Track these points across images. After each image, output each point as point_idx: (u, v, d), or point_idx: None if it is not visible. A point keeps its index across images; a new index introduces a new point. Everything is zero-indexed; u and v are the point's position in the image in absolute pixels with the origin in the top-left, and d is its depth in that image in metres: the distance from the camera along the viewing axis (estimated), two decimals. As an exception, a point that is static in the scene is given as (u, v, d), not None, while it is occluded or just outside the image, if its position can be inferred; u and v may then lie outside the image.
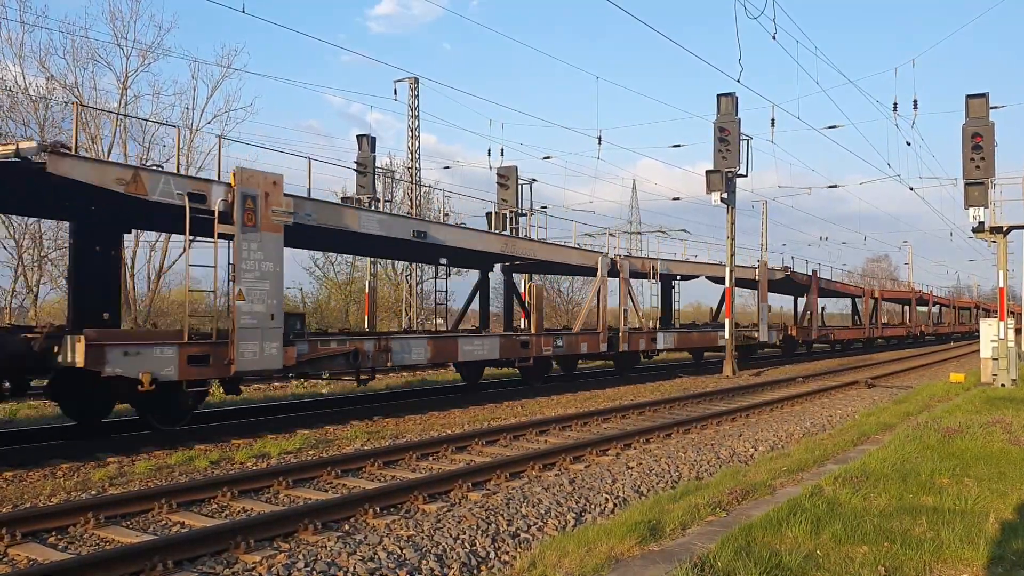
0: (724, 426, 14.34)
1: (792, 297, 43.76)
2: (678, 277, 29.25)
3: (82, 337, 10.33)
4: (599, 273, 22.56)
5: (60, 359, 10.50)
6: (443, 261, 22.74)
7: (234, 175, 12.22)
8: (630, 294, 23.87)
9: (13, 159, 9.94)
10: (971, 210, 20.14)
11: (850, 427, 13.27)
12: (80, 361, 10.29)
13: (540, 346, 19.27)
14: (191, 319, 11.85)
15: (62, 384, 11.69)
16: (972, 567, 5.34)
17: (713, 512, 6.97)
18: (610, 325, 22.99)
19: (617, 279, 23.46)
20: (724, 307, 36.03)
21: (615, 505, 8.48)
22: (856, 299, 49.04)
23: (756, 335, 31.11)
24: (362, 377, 15.18)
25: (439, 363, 18.06)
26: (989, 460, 9.03)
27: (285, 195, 12.81)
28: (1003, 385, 19.29)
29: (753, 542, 5.76)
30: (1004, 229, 20.39)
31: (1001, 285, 21.52)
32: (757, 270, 32.25)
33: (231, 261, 12.07)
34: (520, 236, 21.90)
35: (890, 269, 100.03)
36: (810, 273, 38.88)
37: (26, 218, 28.33)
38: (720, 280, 31.41)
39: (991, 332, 20.80)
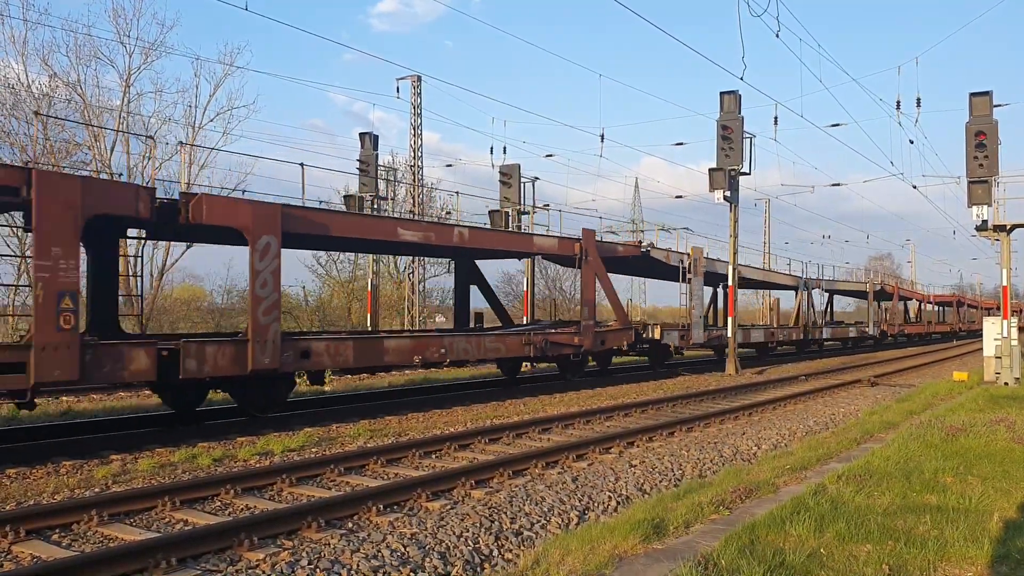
0: (727, 424, 14.33)
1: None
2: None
3: (659, 326, 23.46)
4: (800, 289, 36.83)
5: (645, 335, 22.93)
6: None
7: (691, 250, 25.18)
8: (812, 303, 37.71)
9: (641, 251, 23.19)
10: (974, 208, 20.11)
11: (853, 425, 13.25)
12: (657, 336, 23.06)
13: (778, 336, 34.22)
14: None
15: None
16: (976, 566, 5.33)
17: (716, 510, 6.96)
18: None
19: (806, 292, 36.97)
20: (830, 308, 48.07)
21: (618, 503, 8.48)
22: (907, 301, 58.32)
23: (867, 330, 44.68)
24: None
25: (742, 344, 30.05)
26: (992, 458, 9.02)
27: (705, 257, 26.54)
28: (1006, 384, 19.24)
29: (757, 540, 5.75)
30: (1007, 227, 20.35)
31: (1004, 283, 21.49)
32: (867, 284, 46.32)
33: (688, 292, 24.67)
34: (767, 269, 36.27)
35: (892, 267, 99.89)
36: (894, 284, 52.66)
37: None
38: (834, 291, 45.52)
39: (994, 331, 20.77)
